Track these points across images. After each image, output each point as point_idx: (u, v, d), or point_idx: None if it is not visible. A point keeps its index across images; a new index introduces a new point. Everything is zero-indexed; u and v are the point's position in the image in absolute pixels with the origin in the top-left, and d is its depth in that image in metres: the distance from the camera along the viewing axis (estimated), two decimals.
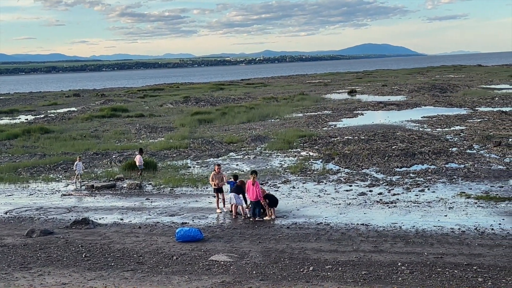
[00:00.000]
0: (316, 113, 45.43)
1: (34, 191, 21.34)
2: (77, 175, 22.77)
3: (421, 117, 39.25)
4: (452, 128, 32.92)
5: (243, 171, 23.18)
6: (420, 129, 33.08)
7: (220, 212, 16.01)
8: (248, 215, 16.21)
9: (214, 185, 16.80)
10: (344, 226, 14.67)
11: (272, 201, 15.56)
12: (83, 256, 12.85)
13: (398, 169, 22.31)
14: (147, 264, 12.17)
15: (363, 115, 43.41)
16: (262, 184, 20.87)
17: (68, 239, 14.38)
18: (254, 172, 16.16)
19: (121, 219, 16.40)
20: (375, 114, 43.43)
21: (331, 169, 23.08)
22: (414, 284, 10.53)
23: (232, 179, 16.98)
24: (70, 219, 16.47)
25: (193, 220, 15.81)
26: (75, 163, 23.18)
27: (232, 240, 13.85)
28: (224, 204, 16.62)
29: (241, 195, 16.43)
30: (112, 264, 12.24)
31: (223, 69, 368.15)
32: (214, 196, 17.14)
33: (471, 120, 36.12)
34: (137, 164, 23.44)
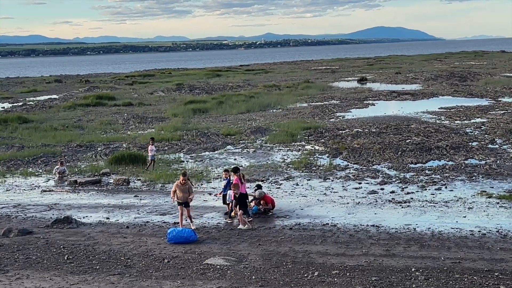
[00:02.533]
0: (322, 103, 45.32)
1: (12, 186, 21.36)
2: (60, 176, 22.75)
3: (438, 108, 39.22)
4: (472, 121, 32.92)
5: (241, 166, 23.18)
6: (437, 121, 33.09)
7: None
8: (250, 218, 16.12)
9: (176, 198, 14.89)
10: (352, 227, 14.70)
11: (242, 203, 15.31)
12: (65, 258, 12.86)
13: (412, 165, 22.33)
14: (135, 267, 12.21)
15: (374, 105, 43.31)
16: (262, 180, 20.92)
17: (49, 240, 14.36)
18: (237, 170, 16.13)
19: (107, 218, 16.40)
20: (388, 105, 43.35)
21: (339, 164, 23.11)
22: None
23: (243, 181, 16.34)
24: (51, 218, 16.46)
25: (186, 220, 15.74)
26: (56, 167, 23.19)
27: (229, 242, 13.85)
28: (191, 220, 15.07)
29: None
30: (97, 267, 12.25)
31: (220, 53, 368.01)
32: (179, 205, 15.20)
33: (494, 112, 36.11)
34: (149, 154, 23.55)
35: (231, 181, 16.45)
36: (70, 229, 15.28)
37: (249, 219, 15.68)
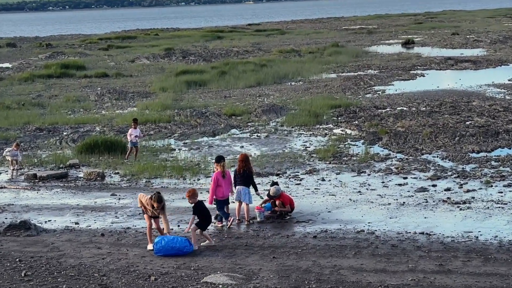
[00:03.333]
0: (356, 74, 45.19)
1: None
2: (12, 160, 22.87)
3: (508, 80, 39.09)
4: None
5: (251, 155, 23.27)
6: (507, 97, 32.98)
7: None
8: (258, 219, 16.30)
9: (144, 207, 14.51)
10: (395, 235, 14.70)
11: (203, 218, 14.82)
12: (22, 275, 12.86)
13: (474, 155, 22.37)
14: (112, 287, 12.16)
15: (423, 76, 43.19)
16: (277, 174, 20.93)
17: (1, 251, 14.36)
18: (222, 159, 16.13)
19: (76, 223, 16.43)
20: (441, 75, 43.22)
21: (378, 153, 23.11)
22: None
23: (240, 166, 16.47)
24: (4, 223, 16.48)
25: (179, 226, 15.80)
26: (8, 149, 23.25)
27: (234, 254, 13.85)
28: (161, 232, 14.67)
29: (250, 190, 16.43)
30: (64, 286, 12.20)
31: (222, 9, 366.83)
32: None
33: None
34: (129, 139, 23.83)
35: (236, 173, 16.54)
36: (28, 237, 15.24)
37: (221, 224, 15.75)
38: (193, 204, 14.65)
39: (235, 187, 16.39)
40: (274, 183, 17.15)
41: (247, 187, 16.38)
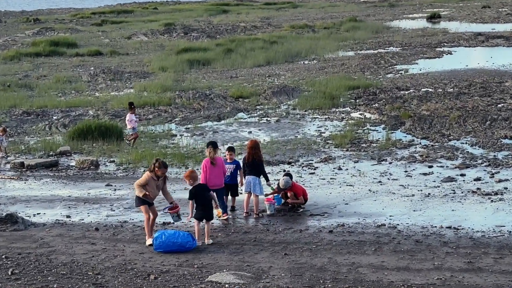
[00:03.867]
0: (376, 51, 45.18)
1: None
2: None
3: None
4: None
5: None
6: None
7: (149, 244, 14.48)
8: (269, 212, 16.29)
9: (144, 196, 14.35)
10: (419, 230, 14.70)
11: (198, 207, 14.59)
12: (9, 273, 12.82)
13: (507, 141, 22.43)
14: (108, 286, 12.14)
15: (451, 54, 43.14)
16: (289, 163, 20.95)
17: None
18: (211, 144, 16.04)
19: (68, 217, 16.42)
20: (471, 53, 43.13)
21: (400, 140, 23.18)
22: None
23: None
24: None
25: (180, 219, 15.53)
26: None
27: (242, 250, 13.83)
28: (149, 233, 14.47)
29: (260, 179, 16.41)
30: (55, 286, 12.16)
31: None
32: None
33: None
34: (128, 127, 24.14)
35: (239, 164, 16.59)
36: (15, 232, 15.21)
37: (225, 216, 15.69)
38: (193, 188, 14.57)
39: (245, 177, 16.39)
40: (287, 174, 17.10)
41: (257, 177, 16.37)
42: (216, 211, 15.32)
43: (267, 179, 16.66)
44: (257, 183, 16.32)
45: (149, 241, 14.26)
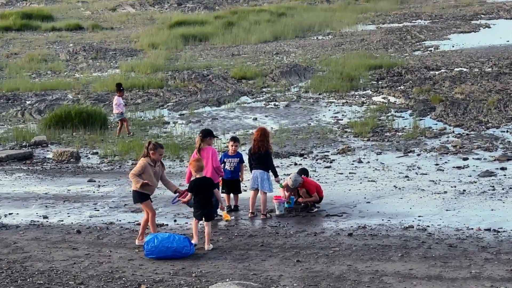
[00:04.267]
0: (401, 25, 45.75)
1: None
2: None
3: None
4: None
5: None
6: None
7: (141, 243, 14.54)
8: (278, 212, 16.10)
9: (144, 186, 14.30)
10: (453, 232, 14.44)
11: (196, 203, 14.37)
12: None
13: None
14: None
15: (489, 28, 43.70)
16: (301, 155, 20.55)
17: None
18: (201, 132, 15.85)
19: (45, 217, 16.24)
20: None
21: (430, 128, 23.10)
22: None
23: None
24: None
25: (175, 221, 15.75)
26: None
27: (247, 256, 13.58)
28: (143, 234, 14.52)
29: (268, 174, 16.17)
30: None
31: None
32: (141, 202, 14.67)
33: None
34: (115, 111, 24.07)
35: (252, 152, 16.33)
36: None
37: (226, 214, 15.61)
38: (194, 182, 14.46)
39: (251, 171, 16.23)
40: (302, 170, 16.89)
41: (265, 171, 16.11)
42: (223, 213, 15.54)
43: (275, 174, 16.39)
44: (266, 179, 16.06)
45: (138, 242, 14.29)
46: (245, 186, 16.58)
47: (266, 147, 16.17)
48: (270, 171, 16.23)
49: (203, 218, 14.22)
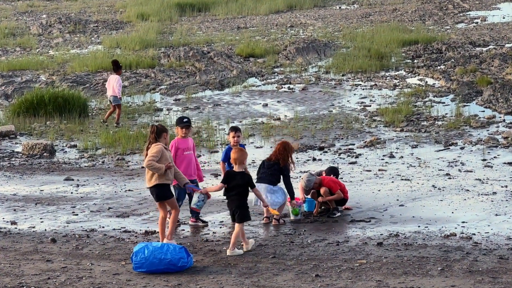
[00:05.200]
0: None
1: None
2: None
3: None
4: None
5: (279, 118, 23.10)
6: None
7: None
8: (293, 217, 16.22)
9: (166, 170, 14.70)
10: (504, 242, 14.47)
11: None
12: None
13: None
14: None
15: None
16: (321, 148, 20.77)
17: None
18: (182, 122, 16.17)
19: (13, 223, 16.37)
20: None
21: (476, 115, 23.24)
22: None
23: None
24: None
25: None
26: None
27: (256, 270, 13.56)
28: (172, 230, 14.99)
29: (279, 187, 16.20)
30: None
31: None
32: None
33: None
34: (110, 93, 24.19)
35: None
36: None
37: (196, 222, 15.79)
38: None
39: (256, 182, 15.90)
40: (331, 169, 16.96)
41: (273, 186, 16.13)
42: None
43: (292, 196, 16.25)
44: (278, 190, 16.12)
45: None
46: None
47: (286, 161, 16.16)
48: (277, 184, 16.10)
49: (236, 219, 14.38)
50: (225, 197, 15.19)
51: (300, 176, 17.20)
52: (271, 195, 16.10)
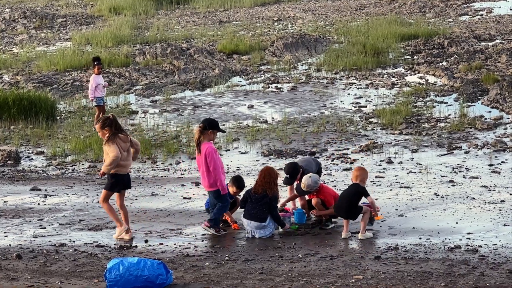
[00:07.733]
0: None
1: None
2: None
3: None
4: None
5: (265, 121, 23.12)
6: None
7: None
8: (281, 229, 16.20)
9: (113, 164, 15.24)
10: None
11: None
12: None
13: None
14: None
15: None
16: (313, 153, 20.77)
17: None
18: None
19: None
20: None
21: (481, 116, 23.36)
22: None
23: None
24: None
25: (146, 241, 15.81)
26: None
27: (242, 287, 13.56)
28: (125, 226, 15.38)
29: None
30: None
31: None
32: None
33: None
34: (89, 96, 24.36)
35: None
36: None
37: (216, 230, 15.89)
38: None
39: (243, 217, 16.13)
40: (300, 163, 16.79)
41: (262, 223, 16.03)
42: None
43: (281, 225, 16.23)
44: (267, 224, 16.03)
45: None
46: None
47: (273, 190, 16.03)
48: (267, 220, 15.98)
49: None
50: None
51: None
52: (259, 230, 16.05)
